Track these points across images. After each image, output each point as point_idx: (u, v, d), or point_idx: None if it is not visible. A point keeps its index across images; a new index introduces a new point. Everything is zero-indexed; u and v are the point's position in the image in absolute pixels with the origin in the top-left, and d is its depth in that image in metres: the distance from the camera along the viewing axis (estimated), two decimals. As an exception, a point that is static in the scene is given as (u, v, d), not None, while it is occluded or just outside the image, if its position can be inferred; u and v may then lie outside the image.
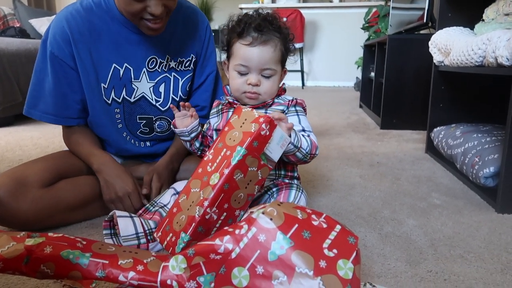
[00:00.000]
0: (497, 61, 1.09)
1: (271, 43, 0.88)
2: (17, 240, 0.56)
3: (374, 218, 1.04)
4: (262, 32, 0.87)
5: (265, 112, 0.89)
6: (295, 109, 0.93)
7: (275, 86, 0.91)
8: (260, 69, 0.88)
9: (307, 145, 0.87)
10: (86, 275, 0.55)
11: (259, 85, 0.89)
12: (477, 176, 1.22)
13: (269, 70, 0.88)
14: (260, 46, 0.87)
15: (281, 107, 0.92)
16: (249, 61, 0.87)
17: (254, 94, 0.90)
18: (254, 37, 0.87)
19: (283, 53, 0.91)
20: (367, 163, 1.58)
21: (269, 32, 0.88)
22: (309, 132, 0.92)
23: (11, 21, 3.31)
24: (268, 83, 0.90)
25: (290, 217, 0.57)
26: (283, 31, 0.91)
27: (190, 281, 0.55)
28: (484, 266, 0.81)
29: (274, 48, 0.88)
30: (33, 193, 0.91)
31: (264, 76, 0.89)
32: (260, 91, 0.90)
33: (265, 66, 0.88)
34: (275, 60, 0.89)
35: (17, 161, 1.57)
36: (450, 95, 1.70)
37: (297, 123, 0.91)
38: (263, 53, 0.87)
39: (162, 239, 0.72)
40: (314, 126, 2.38)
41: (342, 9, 5.36)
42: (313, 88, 5.24)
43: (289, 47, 0.93)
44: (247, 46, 0.87)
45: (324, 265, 0.53)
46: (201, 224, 0.67)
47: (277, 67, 0.90)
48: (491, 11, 1.42)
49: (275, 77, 0.91)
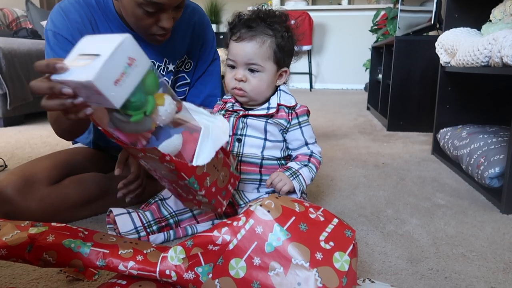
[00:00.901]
0: (503, 61, 1.09)
1: (257, 38, 0.87)
2: (21, 228, 0.58)
3: (377, 217, 1.04)
4: (251, 28, 0.87)
5: (267, 120, 0.91)
6: (297, 121, 0.93)
7: (263, 84, 0.90)
8: (245, 63, 0.88)
9: (310, 176, 0.92)
10: (87, 263, 0.57)
11: (245, 81, 0.89)
12: (482, 176, 1.21)
13: (254, 65, 0.88)
14: (245, 41, 0.87)
15: (283, 121, 0.92)
16: (235, 55, 0.88)
17: (240, 90, 0.89)
18: (242, 33, 0.88)
19: (276, 51, 0.89)
20: (372, 163, 1.58)
21: (259, 28, 0.88)
22: (311, 145, 0.95)
23: (23, 22, 3.38)
24: (254, 80, 0.89)
25: (288, 209, 0.57)
26: (277, 28, 0.89)
27: (188, 272, 0.56)
28: (486, 265, 0.80)
29: (261, 44, 0.87)
30: (40, 190, 0.92)
31: (251, 71, 0.89)
32: (246, 88, 0.89)
33: (250, 61, 0.87)
34: (262, 56, 0.87)
35: (26, 158, 1.60)
36: (456, 96, 1.69)
37: (299, 136, 0.93)
38: (247, 48, 0.87)
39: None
40: (321, 127, 2.38)
41: (351, 11, 5.35)
42: (321, 91, 5.23)
43: (287, 47, 0.91)
44: (235, 42, 0.89)
45: (320, 257, 0.53)
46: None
47: (265, 64, 0.88)
48: (498, 12, 1.41)
49: (264, 75, 0.89)
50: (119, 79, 0.55)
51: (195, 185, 0.69)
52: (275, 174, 0.90)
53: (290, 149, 0.96)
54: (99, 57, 0.54)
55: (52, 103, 0.61)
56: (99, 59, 0.54)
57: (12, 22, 3.33)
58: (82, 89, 0.56)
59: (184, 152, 0.70)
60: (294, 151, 0.96)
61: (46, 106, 0.62)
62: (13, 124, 2.44)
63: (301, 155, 0.95)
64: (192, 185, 0.69)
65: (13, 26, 3.32)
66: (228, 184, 0.80)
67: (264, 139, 0.92)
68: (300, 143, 0.94)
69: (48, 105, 0.62)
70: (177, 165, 0.65)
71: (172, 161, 0.64)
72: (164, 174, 0.71)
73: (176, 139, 0.67)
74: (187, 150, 0.70)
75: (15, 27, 3.30)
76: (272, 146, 0.93)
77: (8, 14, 3.33)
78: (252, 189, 0.94)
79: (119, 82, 0.55)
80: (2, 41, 2.35)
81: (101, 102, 0.57)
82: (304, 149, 0.95)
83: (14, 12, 3.37)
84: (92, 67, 0.53)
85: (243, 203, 0.92)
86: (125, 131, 0.64)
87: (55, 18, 0.95)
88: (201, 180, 0.70)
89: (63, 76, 0.57)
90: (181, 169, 0.66)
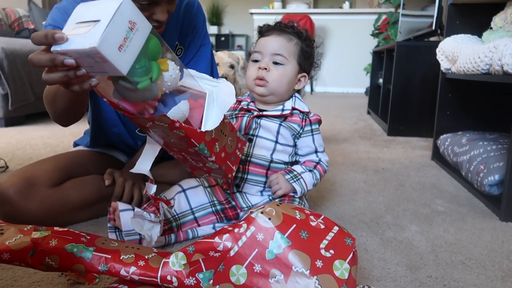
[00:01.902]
0: (503, 69, 1.09)
1: (286, 35, 0.93)
2: (24, 232, 0.58)
3: (376, 223, 1.05)
4: (281, 30, 0.94)
5: (280, 123, 0.93)
6: (310, 128, 0.96)
7: (284, 78, 0.92)
8: (271, 54, 0.92)
9: (313, 181, 0.94)
10: (89, 268, 0.57)
11: (268, 70, 0.91)
12: (481, 183, 1.22)
13: (280, 56, 0.91)
14: (274, 35, 0.93)
15: (296, 125, 0.94)
16: (262, 47, 0.93)
17: (262, 80, 0.91)
18: (272, 31, 0.95)
19: (300, 54, 0.94)
20: (372, 169, 1.59)
21: (288, 31, 0.94)
22: (320, 153, 0.97)
23: (25, 22, 3.38)
24: (277, 71, 0.92)
25: (289, 217, 0.58)
26: (303, 35, 0.95)
27: (190, 277, 0.57)
28: (484, 273, 0.81)
29: (289, 40, 0.93)
30: (42, 192, 0.93)
31: (275, 63, 0.92)
32: (268, 78, 0.91)
33: (276, 51, 0.91)
34: (288, 50, 0.92)
35: (27, 159, 1.61)
36: (457, 103, 1.69)
37: (310, 143, 0.96)
38: (276, 40, 0.93)
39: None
40: (321, 131, 2.38)
41: (352, 15, 5.37)
42: (321, 94, 5.24)
43: (309, 53, 0.97)
44: (263, 37, 0.95)
45: (321, 265, 0.53)
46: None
47: (290, 58, 0.92)
48: (499, 19, 1.42)
49: (287, 68, 0.92)
50: (123, 44, 0.53)
51: (205, 151, 0.69)
52: (274, 176, 0.91)
53: (299, 155, 0.98)
54: (99, 23, 0.52)
55: (54, 76, 0.58)
56: (99, 25, 0.52)
57: (14, 22, 3.33)
58: (85, 58, 0.54)
59: (191, 119, 0.70)
60: (303, 157, 0.97)
61: (48, 80, 0.59)
62: (14, 124, 2.45)
63: (308, 161, 0.97)
64: (202, 151, 0.69)
65: (15, 26, 3.32)
66: (236, 149, 0.81)
67: (276, 141, 0.93)
68: (309, 150, 0.96)
69: (50, 79, 0.59)
70: (186, 131, 0.64)
71: (182, 127, 0.64)
72: (173, 142, 0.70)
73: (183, 105, 0.66)
74: (194, 117, 0.70)
75: (17, 27, 3.31)
76: (282, 150, 0.94)
77: (10, 14, 3.34)
78: (256, 192, 0.95)
79: (123, 47, 0.53)
80: (4, 41, 2.36)
81: (106, 70, 0.55)
82: (312, 156, 0.97)
83: (16, 12, 3.38)
84: (93, 34, 0.51)
85: (246, 207, 0.93)
86: (132, 100, 0.62)
87: (54, 15, 0.97)
88: (211, 145, 0.70)
89: (63, 46, 0.54)
90: (190, 135, 0.65)
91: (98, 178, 1.04)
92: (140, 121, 0.66)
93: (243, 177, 0.94)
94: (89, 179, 1.03)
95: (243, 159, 0.93)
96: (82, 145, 1.20)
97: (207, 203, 0.94)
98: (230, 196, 0.96)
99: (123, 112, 0.65)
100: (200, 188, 0.95)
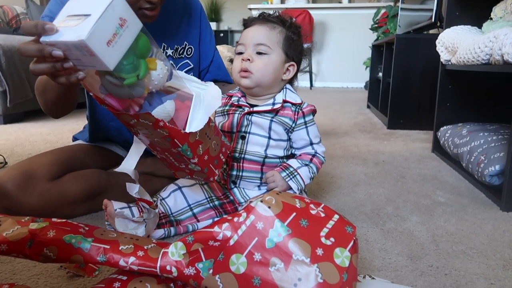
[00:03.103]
0: (504, 59, 1.08)
1: (269, 24, 0.90)
2: (22, 224, 0.58)
3: (377, 214, 1.04)
4: (265, 19, 0.92)
5: (272, 118, 0.90)
6: (303, 120, 0.92)
7: (269, 67, 0.89)
8: (254, 44, 0.88)
9: (310, 175, 0.92)
10: (87, 259, 0.57)
11: (251, 61, 0.88)
12: (482, 174, 1.21)
13: (263, 46, 0.88)
14: (257, 25, 0.91)
15: (287, 119, 0.91)
16: (244, 38, 0.90)
17: (246, 72, 0.88)
18: (255, 21, 0.92)
19: (285, 41, 0.90)
20: (372, 161, 1.58)
21: (271, 20, 0.91)
22: (315, 145, 0.94)
23: (23, 20, 3.37)
24: (261, 61, 0.88)
25: (288, 205, 0.57)
26: (288, 23, 0.92)
27: (189, 267, 0.56)
28: (486, 262, 0.81)
29: (272, 29, 0.90)
30: (40, 186, 0.92)
31: (258, 53, 0.88)
32: (252, 69, 0.88)
33: (259, 41, 0.88)
34: (271, 39, 0.89)
35: (26, 156, 1.60)
36: (457, 94, 1.69)
37: (305, 136, 0.93)
38: (258, 30, 0.90)
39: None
40: (321, 126, 2.38)
41: (351, 9, 5.35)
42: (321, 89, 5.23)
43: (296, 40, 0.92)
44: (247, 28, 0.92)
45: (321, 253, 0.53)
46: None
47: (273, 47, 0.89)
48: (499, 9, 1.41)
49: (272, 57, 0.89)
50: (112, 39, 0.54)
51: (188, 152, 0.69)
52: (270, 173, 0.90)
53: (294, 148, 0.96)
54: (89, 17, 0.52)
55: (41, 66, 0.59)
56: (89, 19, 0.52)
57: (12, 19, 3.32)
58: (74, 50, 0.54)
59: (176, 119, 0.69)
60: (298, 150, 0.95)
61: (35, 70, 0.60)
62: (13, 121, 2.44)
63: (305, 154, 0.94)
64: (185, 152, 0.68)
65: (13, 23, 3.31)
66: (220, 153, 0.80)
67: (268, 137, 0.91)
68: (304, 143, 0.94)
69: (37, 69, 0.60)
70: (170, 131, 0.64)
71: (166, 127, 0.63)
72: (156, 141, 0.69)
73: (168, 105, 0.66)
74: (180, 118, 0.70)
75: (15, 25, 3.29)
76: (276, 145, 0.92)
77: (8, 11, 3.32)
78: (253, 187, 0.94)
79: (112, 43, 0.54)
80: (2, 38, 2.35)
81: (93, 64, 0.55)
82: (308, 149, 0.94)
83: (14, 10, 3.36)
84: (83, 27, 0.52)
85: (244, 201, 0.92)
86: (118, 96, 0.63)
87: (52, 6, 0.96)
88: (194, 147, 0.70)
89: (52, 38, 0.54)
90: (174, 135, 0.65)
91: (97, 172, 1.04)
92: (125, 118, 0.65)
93: (239, 175, 0.93)
94: (88, 173, 1.03)
95: (237, 157, 0.92)
96: (81, 140, 1.20)
97: (204, 200, 0.94)
98: (227, 191, 0.95)
99: (109, 108, 0.65)
100: (197, 185, 0.95)
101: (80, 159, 1.07)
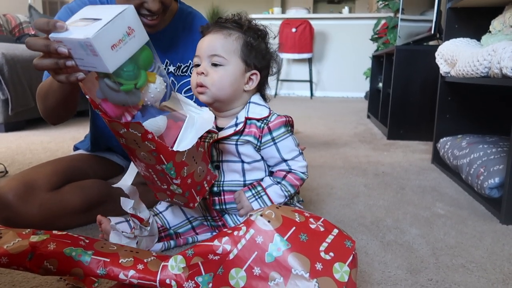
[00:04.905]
0: (502, 72, 1.09)
1: (224, 31, 0.82)
2: (23, 236, 0.58)
3: (377, 226, 1.04)
4: (220, 26, 0.83)
5: (236, 142, 0.82)
6: (270, 137, 0.82)
7: (225, 79, 0.80)
8: (208, 55, 0.80)
9: (282, 194, 0.84)
10: (87, 272, 0.57)
11: (206, 75, 0.80)
12: (482, 186, 1.21)
13: (217, 57, 0.80)
14: (211, 33, 0.82)
15: (251, 138, 0.82)
16: (199, 49, 0.82)
17: (202, 87, 0.80)
18: (211, 28, 0.84)
19: (243, 47, 0.82)
20: (372, 172, 1.58)
21: (228, 25, 0.83)
22: (290, 161, 0.84)
23: (26, 28, 3.40)
24: (216, 74, 0.80)
25: (288, 219, 0.58)
26: (247, 27, 0.84)
27: (189, 281, 0.56)
28: (485, 276, 0.80)
29: (227, 36, 0.81)
30: (41, 196, 0.92)
31: (214, 64, 0.80)
32: (207, 83, 0.80)
33: (212, 52, 0.80)
34: (226, 48, 0.80)
35: (27, 164, 1.61)
36: (456, 106, 1.69)
37: (275, 154, 0.83)
38: (211, 39, 0.81)
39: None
40: (321, 136, 2.38)
41: (352, 20, 5.39)
42: (321, 99, 5.25)
43: (257, 46, 0.84)
44: (203, 37, 0.84)
45: (320, 267, 0.53)
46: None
47: (229, 57, 0.80)
48: (498, 23, 1.42)
49: (228, 68, 0.80)
50: (117, 44, 0.57)
51: (171, 171, 0.69)
52: (236, 193, 0.84)
53: (269, 166, 0.87)
54: (99, 21, 0.56)
55: (45, 62, 0.62)
56: (99, 22, 0.56)
57: (15, 28, 3.35)
58: (79, 49, 0.57)
59: (166, 137, 0.70)
60: (273, 168, 0.87)
61: (38, 65, 0.63)
62: (14, 129, 2.45)
63: (279, 171, 0.86)
64: (169, 171, 0.68)
65: (15, 32, 3.34)
66: (204, 181, 0.79)
67: (241, 161, 0.84)
68: (276, 161, 0.84)
69: (40, 63, 0.62)
70: (158, 145, 0.64)
71: (154, 140, 0.64)
72: (142, 156, 0.69)
73: (160, 120, 0.68)
74: (170, 136, 0.70)
75: (18, 33, 3.32)
76: (252, 168, 0.85)
77: (11, 20, 3.35)
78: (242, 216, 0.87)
79: (116, 47, 0.57)
80: (5, 46, 2.36)
81: (95, 65, 0.58)
82: (282, 166, 0.85)
83: (17, 18, 3.39)
84: (92, 28, 0.55)
85: None
86: (113, 102, 0.64)
87: (61, 14, 0.99)
88: (179, 168, 0.69)
89: (61, 35, 0.58)
90: (161, 150, 0.65)
91: (97, 182, 1.04)
92: (115, 126, 0.65)
93: (223, 208, 0.86)
94: (88, 183, 1.03)
95: (216, 191, 0.86)
96: (82, 149, 1.20)
97: (202, 217, 0.91)
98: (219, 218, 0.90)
99: (102, 114, 0.65)
100: None
101: (80, 169, 1.07)
